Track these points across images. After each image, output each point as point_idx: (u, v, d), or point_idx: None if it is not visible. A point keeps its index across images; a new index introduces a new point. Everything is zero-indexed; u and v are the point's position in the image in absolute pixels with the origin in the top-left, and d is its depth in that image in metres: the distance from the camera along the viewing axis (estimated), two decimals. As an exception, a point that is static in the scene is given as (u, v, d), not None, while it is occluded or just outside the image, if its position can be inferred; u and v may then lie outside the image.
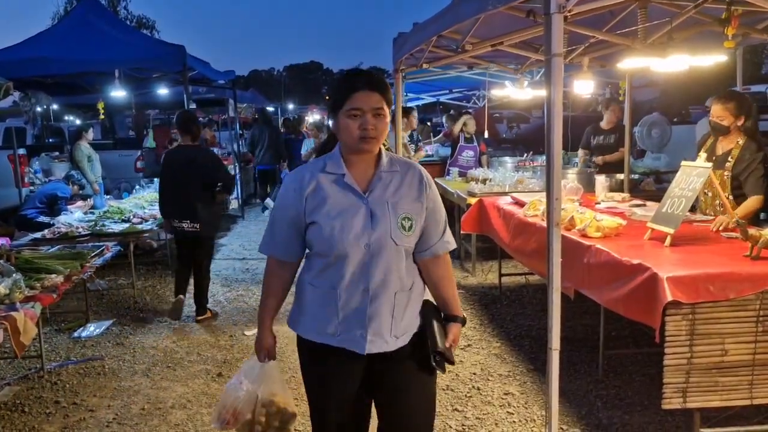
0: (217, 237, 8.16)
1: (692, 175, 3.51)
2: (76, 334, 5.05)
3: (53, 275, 4.19)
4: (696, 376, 2.82)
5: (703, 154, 3.69)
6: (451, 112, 11.34)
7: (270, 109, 16.45)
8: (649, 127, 8.66)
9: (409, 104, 11.07)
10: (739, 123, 3.91)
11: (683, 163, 3.68)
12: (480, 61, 6.50)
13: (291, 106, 30.89)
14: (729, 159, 3.92)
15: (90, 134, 9.18)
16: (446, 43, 5.25)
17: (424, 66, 5.85)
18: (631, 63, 4.39)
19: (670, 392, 2.83)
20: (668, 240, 3.37)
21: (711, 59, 4.22)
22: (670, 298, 2.72)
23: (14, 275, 3.81)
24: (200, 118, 15.66)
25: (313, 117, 21.91)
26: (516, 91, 7.04)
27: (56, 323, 5.32)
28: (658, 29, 4.43)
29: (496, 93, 8.78)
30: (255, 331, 2.38)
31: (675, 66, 4.03)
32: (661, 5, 4.13)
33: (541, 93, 7.18)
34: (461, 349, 4.47)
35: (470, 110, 11.03)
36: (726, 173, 3.92)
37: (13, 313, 3.46)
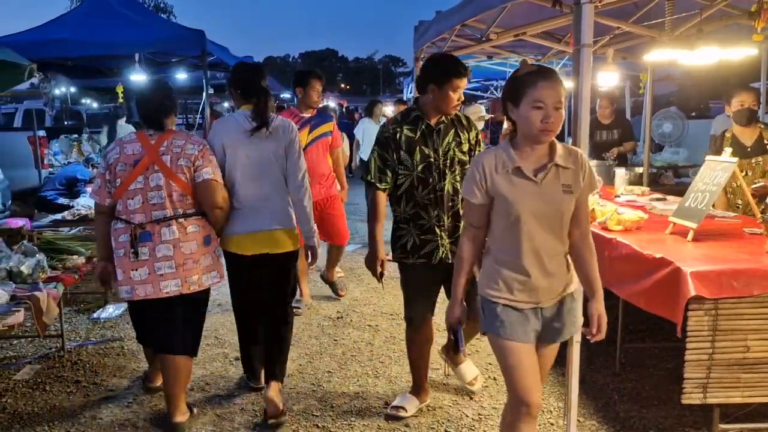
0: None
1: (717, 170, 3.47)
2: (95, 315, 5.11)
3: (75, 256, 4.23)
4: (717, 372, 2.81)
5: (728, 149, 3.66)
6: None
7: (286, 96, 16.40)
8: (660, 121, 8.54)
9: None
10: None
11: (708, 157, 3.65)
12: (501, 51, 6.46)
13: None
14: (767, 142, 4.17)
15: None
16: (469, 32, 5.22)
17: (446, 55, 5.82)
18: (658, 55, 4.34)
19: (691, 387, 2.82)
20: (690, 235, 3.34)
21: (741, 52, 4.16)
22: (693, 293, 2.70)
23: (37, 255, 3.86)
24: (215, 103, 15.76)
25: (328, 103, 21.90)
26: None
27: (76, 304, 5.39)
28: (684, 21, 4.37)
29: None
30: None
31: (704, 59, 3.98)
32: (690, -3, 4.08)
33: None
34: (477, 339, 4.46)
35: (479, 101, 10.86)
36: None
37: (36, 293, 3.50)
